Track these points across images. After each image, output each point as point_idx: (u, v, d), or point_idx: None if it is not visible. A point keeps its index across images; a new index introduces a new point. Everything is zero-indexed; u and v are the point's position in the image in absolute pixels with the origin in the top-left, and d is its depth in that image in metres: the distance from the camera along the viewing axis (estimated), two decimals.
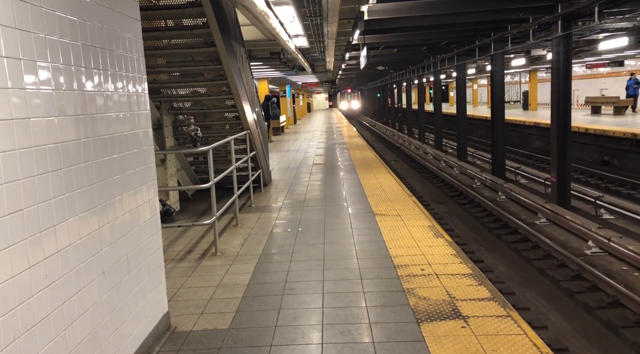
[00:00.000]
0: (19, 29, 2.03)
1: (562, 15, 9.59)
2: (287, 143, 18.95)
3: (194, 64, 7.01)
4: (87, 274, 2.48)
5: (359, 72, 27.42)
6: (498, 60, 14.35)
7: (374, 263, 4.76)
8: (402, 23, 11.00)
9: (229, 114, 8.16)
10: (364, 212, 6.86)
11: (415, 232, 5.72)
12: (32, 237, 2.05)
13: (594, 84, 29.26)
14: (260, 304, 3.98)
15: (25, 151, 2.03)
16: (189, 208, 7.90)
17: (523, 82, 37.57)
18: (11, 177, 1.94)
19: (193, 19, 6.28)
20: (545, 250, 8.25)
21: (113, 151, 2.82)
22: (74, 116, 2.42)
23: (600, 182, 14.01)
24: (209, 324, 3.66)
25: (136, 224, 3.10)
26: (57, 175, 2.26)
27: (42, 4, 2.20)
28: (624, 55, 22.80)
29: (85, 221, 2.48)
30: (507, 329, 3.29)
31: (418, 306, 3.73)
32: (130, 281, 2.99)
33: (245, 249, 5.51)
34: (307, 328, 3.51)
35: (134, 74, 3.18)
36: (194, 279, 4.65)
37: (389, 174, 10.10)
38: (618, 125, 16.54)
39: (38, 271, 2.07)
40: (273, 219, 6.89)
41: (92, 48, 2.63)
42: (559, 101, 10.19)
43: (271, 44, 13.11)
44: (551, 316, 6.29)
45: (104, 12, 2.80)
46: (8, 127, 1.93)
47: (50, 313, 2.14)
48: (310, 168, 11.72)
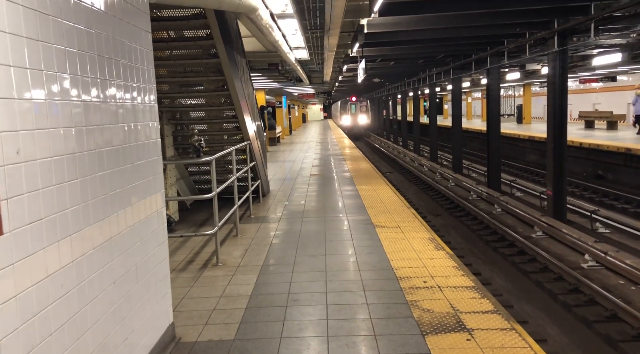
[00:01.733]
0: (41, 41, 2.06)
1: (558, 31, 9.75)
2: (283, 154, 18.98)
3: (195, 75, 7.05)
4: (99, 283, 2.49)
5: (355, 84, 27.61)
6: (494, 74, 14.52)
7: (377, 275, 4.78)
8: (401, 36, 11.14)
9: (228, 124, 8.20)
10: (363, 224, 6.89)
11: (415, 245, 5.75)
12: (50, 246, 2.06)
13: (587, 98, 29.62)
14: (264, 315, 3.98)
15: (45, 161, 2.05)
16: (188, 218, 7.89)
17: (517, 95, 37.97)
18: (32, 187, 1.96)
19: (197, 30, 6.34)
20: (542, 263, 8.30)
21: (125, 162, 2.84)
22: (89, 127, 2.44)
23: (595, 196, 14.14)
24: (213, 335, 3.65)
25: (145, 234, 3.11)
26: (74, 185, 2.28)
27: (62, 18, 2.23)
28: (617, 71, 23.13)
29: (98, 231, 2.49)
30: (511, 342, 3.31)
31: (422, 318, 3.75)
32: (139, 290, 2.99)
33: (247, 260, 5.51)
34: (312, 340, 3.51)
35: (144, 85, 3.21)
36: (197, 290, 4.64)
37: (387, 186, 10.15)
38: (612, 139, 16.73)
39: (55, 280, 2.08)
40: (273, 229, 6.90)
41: (106, 59, 2.66)
42: (554, 115, 10.32)
43: (270, 56, 13.19)
44: (550, 329, 6.32)
45: (118, 24, 2.84)
46: (31, 138, 1.95)
47: (65, 322, 2.15)
48: (307, 179, 11.75)
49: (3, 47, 1.80)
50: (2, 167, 1.77)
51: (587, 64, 17.45)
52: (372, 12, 5.99)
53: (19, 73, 1.89)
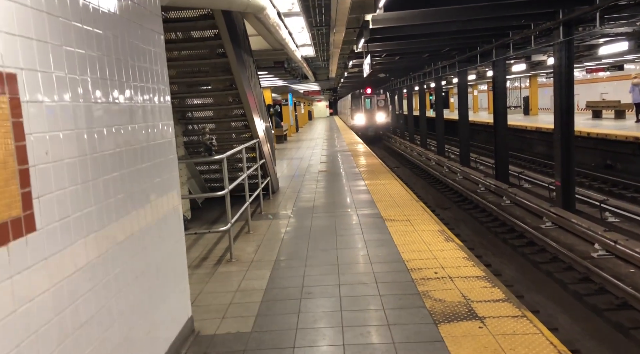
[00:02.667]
0: (65, 47, 2.15)
1: (563, 21, 9.74)
2: (290, 151, 19.07)
3: (204, 75, 7.15)
4: (123, 278, 2.58)
5: (360, 79, 27.63)
6: (500, 66, 14.51)
7: (388, 267, 4.86)
8: (405, 31, 11.17)
9: (237, 123, 8.30)
10: (373, 218, 6.96)
11: (425, 237, 5.81)
12: (77, 242, 2.16)
13: (593, 88, 29.44)
14: (279, 308, 4.07)
15: (70, 161, 2.15)
16: (200, 216, 8.00)
17: (523, 87, 37.79)
18: (60, 186, 2.05)
19: (205, 30, 6.43)
20: (552, 253, 8.34)
21: (143, 161, 2.94)
22: (109, 127, 2.53)
23: (604, 186, 14.11)
24: (231, 328, 3.75)
25: (164, 230, 3.21)
26: (97, 184, 2.37)
27: (82, 23, 2.32)
28: (624, 60, 22.97)
29: (120, 228, 2.59)
30: (523, 329, 3.38)
31: (434, 308, 3.82)
32: (160, 285, 3.09)
33: (260, 256, 5.61)
34: (327, 330, 3.60)
35: (159, 86, 3.30)
36: (212, 285, 4.74)
37: (395, 180, 10.21)
38: (620, 129, 16.66)
39: (84, 274, 2.18)
40: (284, 225, 6.99)
41: (123, 62, 2.75)
42: (561, 106, 10.32)
43: (275, 54, 13.28)
44: (561, 318, 6.37)
45: (133, 27, 2.93)
46: (57, 139, 2.05)
47: (93, 314, 2.25)
48: (316, 175, 11.83)
49: (30, 53, 1.89)
50: (33, 167, 1.87)
51: (593, 53, 17.37)
52: (378, 8, 6.05)
53: (45, 77, 1.98)
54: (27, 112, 1.85)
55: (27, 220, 1.81)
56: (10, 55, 1.77)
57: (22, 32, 1.85)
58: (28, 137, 1.84)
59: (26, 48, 1.87)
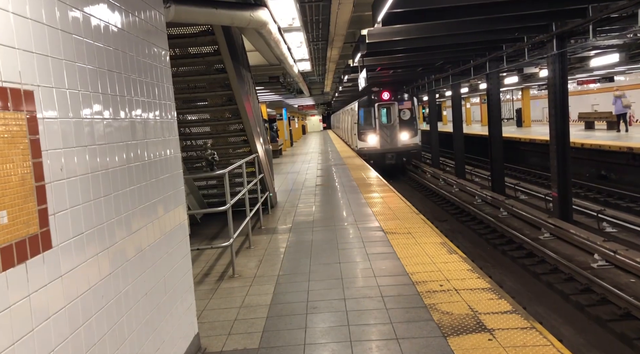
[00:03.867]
0: (78, 63, 2.15)
1: (556, 34, 9.89)
2: (286, 165, 19.08)
3: (204, 90, 7.17)
4: (134, 295, 2.56)
5: (354, 93, 27.80)
6: (493, 79, 14.66)
7: (393, 280, 4.84)
8: (400, 45, 11.30)
9: (235, 138, 8.30)
10: (374, 231, 6.95)
11: (428, 250, 5.81)
12: (90, 259, 2.14)
13: (585, 100, 29.79)
14: (285, 323, 4.04)
15: (83, 177, 2.14)
16: (199, 232, 7.95)
17: (515, 99, 38.16)
18: (74, 203, 2.04)
19: (203, 46, 6.46)
20: (552, 264, 8.35)
21: (151, 176, 2.93)
22: (120, 143, 2.53)
23: (599, 196, 14.20)
24: (238, 345, 3.71)
25: (171, 246, 3.19)
26: (108, 200, 2.36)
27: (94, 40, 2.33)
28: (615, 71, 23.30)
29: (131, 243, 2.57)
30: (533, 340, 3.37)
31: (442, 320, 3.80)
32: (167, 301, 3.06)
33: (262, 271, 5.57)
34: (335, 345, 3.57)
35: (165, 102, 3.30)
36: (216, 301, 4.70)
37: (393, 193, 10.22)
38: (613, 139, 16.83)
39: (97, 291, 2.16)
40: (285, 240, 6.96)
41: (131, 78, 2.76)
42: (556, 117, 10.42)
43: (271, 69, 13.37)
44: (564, 329, 6.36)
45: (140, 43, 2.94)
46: (71, 155, 2.04)
47: (106, 332, 2.22)
48: (313, 189, 11.83)
49: (46, 70, 1.89)
50: (49, 184, 1.86)
51: (584, 65, 17.61)
52: (376, 22, 6.11)
53: (60, 93, 1.98)
54: (43, 129, 1.84)
55: (44, 237, 1.79)
56: (27, 73, 1.77)
57: (39, 49, 1.85)
58: (44, 154, 1.84)
59: (42, 65, 1.87)
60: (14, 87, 1.70)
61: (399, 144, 21.69)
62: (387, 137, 21.73)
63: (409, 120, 21.77)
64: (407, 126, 21.64)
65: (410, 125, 21.76)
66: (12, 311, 1.60)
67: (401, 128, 21.62)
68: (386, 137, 21.73)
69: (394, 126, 21.74)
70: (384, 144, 21.68)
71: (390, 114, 21.85)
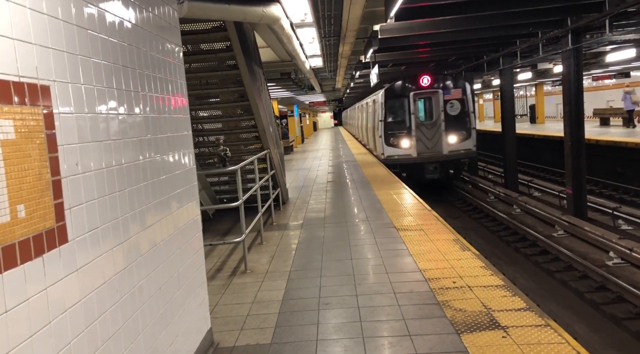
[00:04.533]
0: (92, 59, 2.16)
1: (572, 29, 9.75)
2: (297, 162, 19.09)
3: (215, 87, 7.18)
4: (148, 289, 2.57)
5: (366, 90, 27.73)
6: (507, 75, 14.52)
7: (405, 277, 4.82)
8: (412, 40, 11.22)
9: (248, 134, 8.31)
10: (386, 228, 6.92)
11: (441, 246, 5.77)
12: (105, 253, 2.15)
13: (600, 96, 29.40)
14: (297, 319, 4.04)
15: (98, 172, 2.15)
16: (211, 228, 7.99)
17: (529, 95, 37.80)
18: (90, 197, 2.05)
19: (215, 43, 6.47)
20: (566, 262, 8.26)
21: (165, 171, 2.94)
22: (134, 139, 2.54)
23: (615, 194, 14.01)
24: (250, 340, 3.72)
25: (184, 242, 3.20)
26: (123, 195, 2.37)
27: (108, 36, 2.34)
28: (631, 67, 22.94)
29: (145, 238, 2.58)
30: (548, 338, 3.33)
31: (455, 317, 3.78)
32: (181, 296, 3.07)
33: (274, 266, 5.58)
34: (348, 341, 3.56)
35: (179, 98, 3.31)
36: (228, 297, 4.72)
37: (405, 189, 10.18)
38: (629, 136, 16.58)
39: (112, 286, 2.17)
40: (296, 236, 6.97)
41: (145, 74, 2.76)
42: (571, 113, 10.30)
43: (283, 65, 13.37)
44: (578, 327, 6.29)
45: (154, 39, 2.94)
46: (86, 151, 2.05)
47: (120, 326, 2.23)
48: (325, 185, 11.82)
49: (61, 65, 1.90)
50: (65, 179, 1.87)
51: (600, 61, 17.37)
52: (389, 18, 6.07)
53: (75, 89, 1.99)
54: (59, 124, 1.85)
55: (60, 231, 1.81)
56: (44, 68, 1.78)
57: (55, 44, 1.86)
58: (60, 149, 1.85)
59: (58, 60, 1.88)
60: (31, 82, 1.71)
61: (444, 150, 15.32)
62: (428, 140, 15.50)
63: (459, 116, 15.36)
64: (456, 125, 15.35)
65: (461, 123, 15.35)
66: (29, 304, 1.62)
67: (448, 127, 15.32)
68: (426, 140, 15.50)
69: (437, 124, 15.46)
70: (422, 151, 15.45)
71: (432, 108, 15.56)
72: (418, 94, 15.50)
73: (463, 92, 15.40)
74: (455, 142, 15.32)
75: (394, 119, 15.75)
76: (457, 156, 15.44)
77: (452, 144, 15.33)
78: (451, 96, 15.35)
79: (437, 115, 15.44)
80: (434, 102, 15.49)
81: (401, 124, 15.62)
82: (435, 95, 15.44)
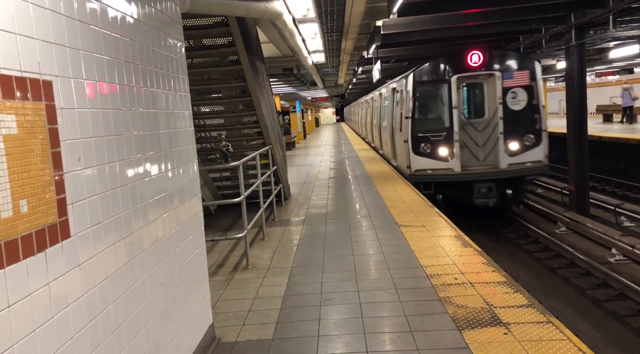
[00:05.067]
0: (95, 54, 2.16)
1: (575, 25, 9.71)
2: (299, 158, 19.08)
3: (218, 82, 7.18)
4: (150, 285, 2.58)
5: (368, 86, 27.67)
6: None
7: (406, 273, 4.82)
8: (415, 36, 11.18)
9: (250, 130, 8.31)
10: (388, 224, 6.92)
11: (442, 242, 5.77)
12: (108, 249, 2.15)
13: (603, 92, 29.30)
14: (299, 314, 4.05)
15: (101, 167, 2.15)
16: (213, 223, 8.00)
17: None
18: (92, 193, 2.05)
19: (218, 38, 6.46)
20: (568, 259, 8.26)
21: (167, 167, 2.94)
22: (136, 134, 2.54)
23: (617, 190, 13.98)
24: (252, 335, 3.73)
25: (186, 237, 3.21)
26: (125, 190, 2.37)
27: (111, 31, 2.33)
28: (634, 63, 22.85)
29: (147, 234, 2.58)
30: (549, 335, 3.33)
31: (457, 314, 3.78)
32: (183, 292, 3.08)
33: (276, 262, 5.59)
34: (349, 337, 3.57)
35: (180, 93, 3.31)
36: (230, 292, 4.73)
37: (407, 186, 10.16)
38: (633, 132, 16.53)
39: (114, 281, 2.18)
40: (298, 232, 6.97)
41: (147, 69, 2.76)
42: (574, 110, 10.26)
43: (285, 61, 13.35)
44: (580, 324, 6.29)
45: (156, 34, 2.94)
46: (88, 146, 2.05)
47: (123, 322, 2.24)
48: (327, 181, 11.82)
49: (64, 60, 1.90)
50: (67, 174, 1.87)
51: (603, 57, 17.29)
52: (391, 13, 6.05)
53: (77, 84, 1.99)
54: (62, 119, 1.85)
55: (63, 226, 1.81)
56: (46, 63, 1.78)
57: (57, 39, 1.86)
58: (63, 144, 1.85)
59: (60, 56, 1.88)
60: (33, 77, 1.71)
61: (502, 162, 10.34)
62: (478, 147, 10.57)
63: (524, 111, 10.40)
64: (520, 124, 10.38)
65: (528, 122, 10.42)
66: (32, 299, 1.62)
67: (508, 128, 10.32)
68: (475, 147, 10.57)
69: (492, 123, 10.46)
70: (469, 163, 10.54)
71: (485, 99, 10.62)
72: (464, 79, 10.40)
73: (531, 76, 10.25)
74: (518, 151, 10.26)
75: (428, 116, 10.77)
76: (522, 172, 10.35)
77: (514, 152, 10.27)
78: (514, 81, 10.25)
79: (492, 110, 10.37)
80: (488, 91, 10.44)
81: (438, 123, 10.55)
82: (489, 79, 10.37)
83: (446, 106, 10.40)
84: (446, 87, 10.37)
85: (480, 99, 10.59)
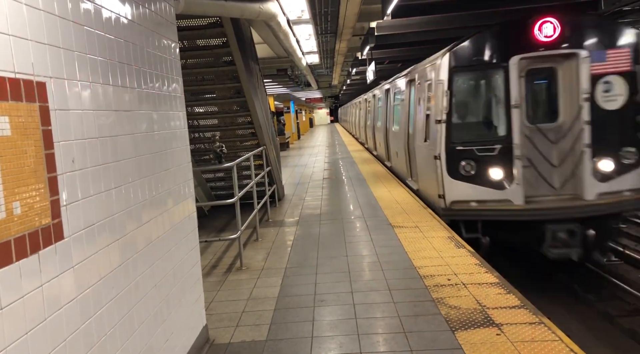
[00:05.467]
0: (89, 55, 2.15)
1: None
2: (293, 158, 19.08)
3: (212, 83, 7.17)
4: (144, 286, 2.57)
5: (362, 87, 27.73)
6: None
7: (400, 274, 4.84)
8: (410, 38, 11.23)
9: (244, 131, 8.30)
10: (382, 225, 6.94)
11: (436, 243, 5.80)
12: (101, 250, 2.15)
13: None
14: (293, 316, 4.05)
15: (94, 169, 2.14)
16: (206, 224, 7.99)
17: None
18: (85, 194, 2.05)
19: (212, 39, 6.45)
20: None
21: (161, 168, 2.94)
22: (130, 135, 2.53)
23: None
24: (246, 336, 3.73)
25: (180, 238, 3.20)
26: (119, 191, 2.37)
27: (105, 32, 2.33)
28: None
29: (141, 235, 2.58)
30: (542, 335, 3.36)
31: (450, 315, 3.80)
32: (176, 293, 3.08)
33: (270, 263, 5.59)
34: (343, 338, 3.58)
35: (174, 94, 3.31)
36: (224, 293, 4.72)
37: (401, 187, 10.20)
38: None
39: (107, 282, 2.17)
40: (292, 233, 6.98)
41: (142, 70, 2.76)
42: None
43: (279, 61, 13.36)
44: (572, 325, 6.33)
45: (150, 35, 2.93)
46: (82, 147, 2.05)
47: (116, 323, 2.23)
48: (321, 182, 11.83)
49: (57, 61, 1.90)
50: (61, 176, 1.86)
51: None
52: (385, 15, 6.07)
53: (71, 85, 1.99)
54: (55, 121, 1.85)
55: (56, 228, 1.80)
56: (40, 64, 1.77)
57: (51, 41, 1.86)
58: (56, 145, 1.84)
59: (54, 57, 1.87)
60: (27, 79, 1.70)
61: (588, 190, 6.50)
62: (551, 168, 6.73)
63: (623, 112, 6.59)
64: (616, 133, 6.58)
65: (629, 129, 6.64)
66: (25, 301, 1.62)
67: (599, 140, 6.52)
68: (546, 166, 6.73)
69: (570, 131, 6.66)
70: (537, 191, 6.72)
71: (559, 93, 6.77)
72: (529, 61, 6.74)
73: (635, 57, 6.57)
74: (613, 173, 6.58)
75: (471, 120, 7.14)
76: (620, 206, 6.68)
77: (607, 176, 6.58)
78: (607, 64, 6.59)
79: (572, 110, 6.68)
80: (565, 80, 6.75)
81: (487, 131, 6.98)
82: (567, 63, 6.71)
83: (501, 103, 6.71)
84: (500, 75, 6.63)
85: (554, 94, 6.78)
